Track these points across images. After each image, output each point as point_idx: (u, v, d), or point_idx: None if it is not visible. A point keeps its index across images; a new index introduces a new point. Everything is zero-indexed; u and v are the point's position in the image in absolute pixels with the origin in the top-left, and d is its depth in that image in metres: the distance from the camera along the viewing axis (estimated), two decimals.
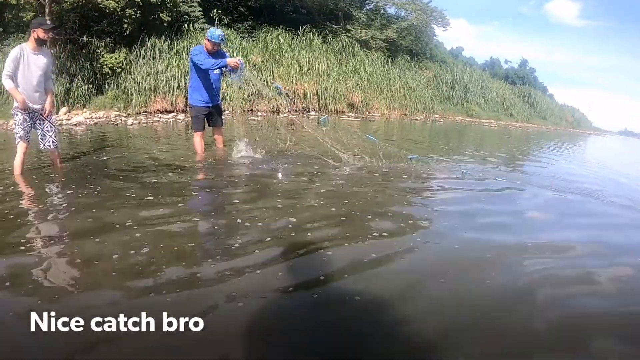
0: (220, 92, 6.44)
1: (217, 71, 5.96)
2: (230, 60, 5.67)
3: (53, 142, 5.21)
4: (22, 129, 4.93)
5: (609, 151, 17.29)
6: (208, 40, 5.87)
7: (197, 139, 6.40)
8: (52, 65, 5.21)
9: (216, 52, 5.95)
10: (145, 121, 13.11)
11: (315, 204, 3.96)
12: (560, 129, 33.54)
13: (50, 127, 5.19)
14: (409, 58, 26.41)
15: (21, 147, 4.94)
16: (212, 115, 6.36)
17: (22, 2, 14.07)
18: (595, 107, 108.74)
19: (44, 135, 5.16)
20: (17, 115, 4.93)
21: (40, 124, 5.12)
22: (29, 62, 4.79)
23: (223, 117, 6.67)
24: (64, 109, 14.20)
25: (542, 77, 75.11)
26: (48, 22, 4.90)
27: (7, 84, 4.71)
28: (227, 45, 18.23)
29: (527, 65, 41.14)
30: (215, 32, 5.93)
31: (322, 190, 4.51)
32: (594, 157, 12.19)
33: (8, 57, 4.72)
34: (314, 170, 5.45)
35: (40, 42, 4.82)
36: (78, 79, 15.17)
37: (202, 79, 5.97)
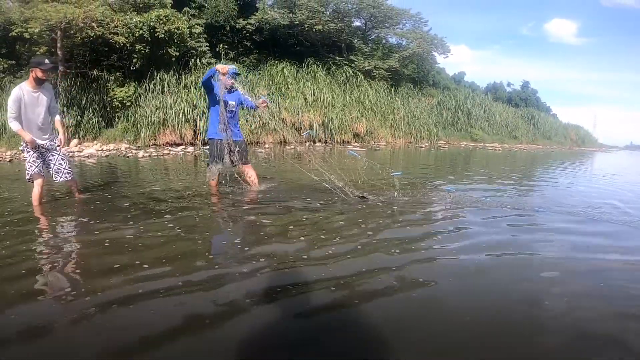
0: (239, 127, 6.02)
1: (233, 104, 5.77)
2: (218, 66, 5.65)
3: (68, 172, 5.15)
4: (35, 167, 4.93)
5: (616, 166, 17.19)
6: (223, 75, 5.70)
7: (209, 174, 6.11)
8: (54, 99, 5.10)
9: (231, 90, 5.78)
10: (156, 154, 13.30)
11: (323, 237, 3.98)
12: (565, 148, 33.63)
13: (62, 158, 5.14)
14: (412, 86, 26.85)
15: (37, 182, 4.95)
16: (233, 153, 5.84)
17: (35, 36, 14.44)
18: (599, 123, 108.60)
19: (58, 169, 5.10)
20: (27, 152, 4.94)
21: (51, 158, 5.08)
22: (30, 101, 4.78)
23: (247, 155, 6.08)
24: (74, 141, 14.45)
25: (545, 96, 75.79)
26: (47, 61, 4.78)
27: (14, 126, 4.72)
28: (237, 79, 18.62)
29: (529, 86, 41.63)
30: (229, 65, 5.90)
31: (328, 222, 4.55)
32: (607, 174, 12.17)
33: (9, 98, 4.70)
34: (318, 203, 5.35)
35: (39, 82, 4.77)
36: (89, 111, 15.49)
37: (216, 111, 5.75)
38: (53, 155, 5.09)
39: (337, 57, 23.52)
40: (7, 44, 15.65)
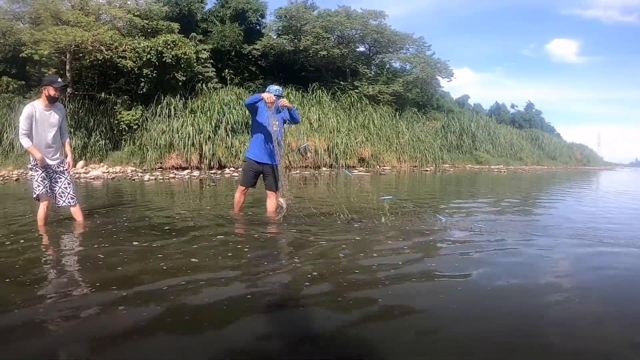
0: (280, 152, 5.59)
1: (276, 128, 5.44)
2: (265, 95, 5.24)
3: (72, 198, 5.02)
4: (43, 187, 4.81)
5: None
6: None
7: (237, 194, 5.89)
8: (65, 119, 5.04)
9: (276, 110, 5.48)
10: (161, 177, 13.29)
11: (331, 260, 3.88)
12: (571, 168, 33.52)
13: (68, 183, 5.02)
14: (416, 110, 27.02)
15: (43, 203, 4.86)
16: (266, 177, 5.64)
17: (45, 58, 14.64)
18: (604, 141, 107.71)
19: (62, 192, 4.98)
20: (35, 171, 4.83)
21: (57, 181, 4.96)
22: (42, 119, 4.72)
23: (280, 183, 5.68)
24: (81, 163, 14.49)
25: (549, 116, 75.90)
26: (59, 80, 4.79)
27: (25, 143, 4.65)
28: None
29: (532, 108, 41.78)
30: (272, 86, 5.61)
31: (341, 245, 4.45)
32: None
33: (21, 115, 4.65)
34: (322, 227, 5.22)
35: (51, 100, 4.73)
36: (96, 133, 15.59)
37: (259, 132, 5.54)
38: (60, 178, 4.98)
39: (341, 82, 23.74)
40: (17, 65, 15.89)
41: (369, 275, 3.31)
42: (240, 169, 5.99)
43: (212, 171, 16.02)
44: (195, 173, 15.05)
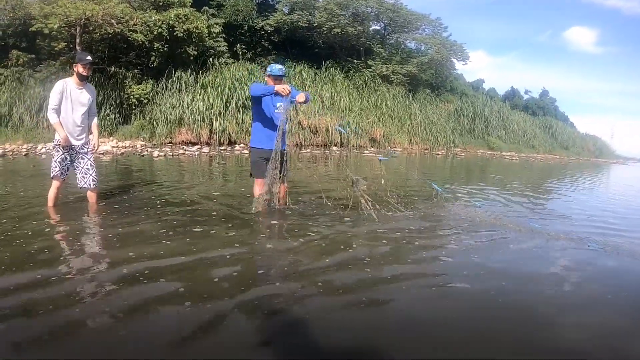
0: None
1: (281, 110, 4.99)
2: (279, 87, 4.75)
3: (93, 180, 4.89)
4: (60, 168, 4.71)
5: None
6: (268, 76, 5.12)
7: (257, 188, 5.36)
8: (95, 100, 4.90)
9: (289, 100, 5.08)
10: (171, 153, 13.18)
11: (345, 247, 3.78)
12: (583, 159, 33.02)
13: (91, 164, 4.87)
14: (429, 91, 26.54)
15: (55, 183, 4.75)
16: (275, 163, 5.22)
17: (54, 32, 14.42)
18: (617, 134, 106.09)
19: (85, 174, 4.85)
20: (57, 151, 4.72)
21: (80, 161, 4.84)
22: (72, 97, 4.62)
23: (288, 170, 5.32)
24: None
25: (563, 105, 74.57)
26: (88, 57, 4.62)
27: (53, 119, 4.57)
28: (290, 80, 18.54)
29: (547, 95, 41.01)
30: (275, 66, 5.19)
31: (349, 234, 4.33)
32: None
33: (52, 90, 4.56)
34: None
35: (81, 77, 4.63)
36: (105, 107, 15.42)
37: (262, 118, 5.16)
38: (83, 159, 4.85)
39: (355, 61, 23.32)
40: (27, 39, 15.67)
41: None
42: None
43: (222, 147, 15.88)
44: (205, 149, 14.93)
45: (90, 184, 4.90)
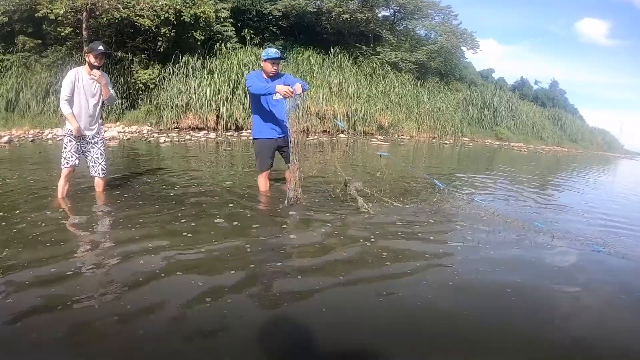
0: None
1: (279, 97, 4.76)
2: (280, 88, 4.56)
3: (103, 170, 4.91)
4: (71, 157, 4.68)
5: None
6: (264, 61, 4.90)
7: (261, 180, 5.34)
8: (110, 86, 4.85)
9: (277, 75, 4.96)
10: (177, 139, 13.11)
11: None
12: (592, 153, 32.69)
13: (101, 154, 4.87)
14: (438, 80, 26.26)
15: (65, 172, 4.71)
16: (282, 152, 5.13)
17: (60, 17, 14.32)
18: (626, 129, 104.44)
19: (95, 163, 4.86)
20: (69, 141, 4.67)
21: (90, 150, 4.83)
22: (84, 87, 4.58)
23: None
24: (101, 127, 14.34)
25: (573, 97, 73.45)
26: (100, 47, 4.54)
27: (65, 109, 4.53)
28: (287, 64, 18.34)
29: (557, 86, 40.47)
30: (271, 50, 5.02)
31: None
32: None
33: (64, 80, 4.55)
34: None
35: (93, 68, 4.55)
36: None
37: (261, 108, 5.01)
38: (94, 148, 4.84)
39: (363, 47, 23.04)
40: (33, 24, 15.58)
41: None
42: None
43: (229, 133, 15.83)
44: (212, 135, 14.87)
45: (99, 173, 4.91)
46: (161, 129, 14.99)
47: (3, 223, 3.79)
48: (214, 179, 6.57)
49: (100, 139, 4.92)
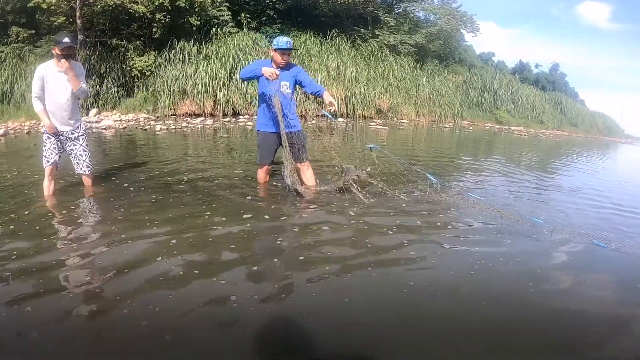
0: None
1: (287, 90, 4.80)
2: (266, 70, 4.50)
3: (87, 166, 4.80)
4: (51, 154, 4.57)
5: None
6: (274, 50, 4.80)
7: (261, 174, 5.34)
8: (84, 78, 4.63)
9: (287, 67, 4.88)
10: (174, 126, 12.99)
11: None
12: (592, 137, 32.55)
13: (84, 150, 4.74)
14: (437, 62, 26.01)
15: (47, 171, 4.61)
16: (289, 147, 4.92)
17: (53, 6, 14.10)
18: (627, 114, 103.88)
19: (79, 160, 4.74)
20: (47, 138, 4.57)
21: (72, 147, 4.69)
22: (54, 81, 4.40)
23: (305, 151, 5.04)
24: (94, 110, 14.27)
25: (573, 81, 72.91)
26: (65, 39, 4.32)
27: (36, 107, 4.41)
28: (294, 54, 18.10)
29: (558, 69, 40.17)
30: (282, 38, 4.83)
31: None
32: None
33: (33, 77, 4.40)
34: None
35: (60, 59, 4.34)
36: (108, 80, 15.23)
37: (265, 100, 4.88)
38: (75, 145, 4.69)
39: (362, 30, 22.77)
40: (26, 14, 15.36)
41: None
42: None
43: (227, 119, 15.71)
44: (209, 121, 14.74)
45: (84, 170, 4.80)
46: (158, 116, 14.87)
47: None
48: (211, 168, 6.52)
49: (82, 134, 4.75)
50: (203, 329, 2.27)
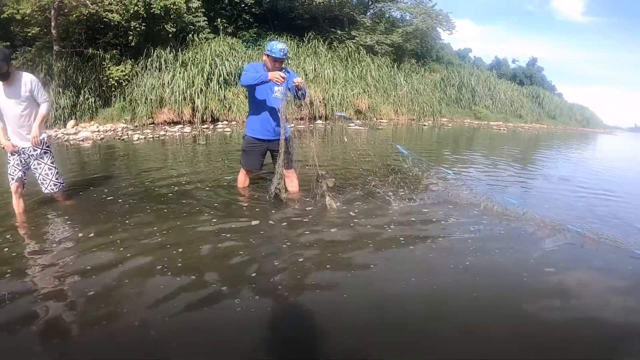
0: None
1: (279, 95, 4.65)
2: (273, 74, 4.37)
3: (55, 184, 4.61)
4: (14, 171, 4.40)
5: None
6: (267, 55, 4.65)
7: (241, 176, 5.35)
8: (39, 90, 4.27)
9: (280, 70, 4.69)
10: (152, 135, 13.03)
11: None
12: (570, 129, 33.15)
13: (49, 168, 4.53)
14: (414, 61, 26.29)
15: (13, 188, 4.42)
16: (275, 155, 4.96)
17: (27, 17, 14.04)
18: (604, 104, 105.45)
19: (44, 179, 4.55)
20: (10, 155, 4.39)
21: (37, 166, 4.50)
22: (4, 96, 4.16)
23: (293, 158, 5.03)
24: (71, 122, 14.23)
25: (551, 75, 73.93)
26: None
27: None
28: (288, 61, 18.10)
29: (535, 64, 40.75)
30: (277, 45, 4.66)
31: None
32: None
33: None
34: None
35: (1, 77, 4.07)
36: (85, 91, 15.16)
37: (259, 103, 4.76)
38: (39, 163, 4.50)
39: (338, 32, 22.95)
40: (0, 26, 15.23)
41: None
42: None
43: (205, 126, 15.77)
44: (187, 129, 14.79)
45: (52, 189, 4.65)
46: (136, 126, 14.87)
47: None
48: (189, 176, 6.60)
49: (45, 151, 4.51)
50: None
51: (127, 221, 4.30)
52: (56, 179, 4.64)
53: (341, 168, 7.23)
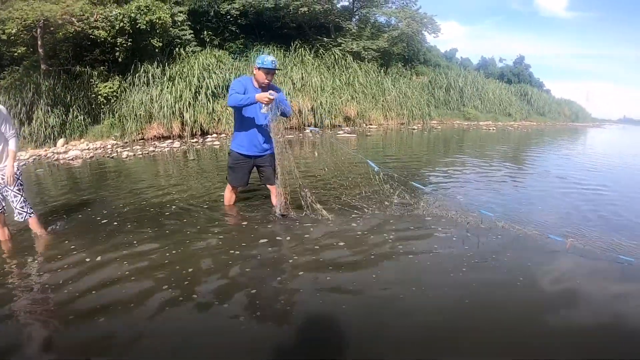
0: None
1: (265, 110, 4.55)
2: (260, 96, 4.33)
3: (20, 213, 4.40)
4: None
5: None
6: (258, 69, 4.58)
7: (227, 193, 5.34)
8: (7, 122, 4.18)
9: (268, 86, 4.66)
10: (141, 152, 13.07)
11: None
12: (560, 124, 33.49)
13: (14, 195, 4.33)
14: (402, 65, 26.50)
15: None
16: (261, 171, 5.03)
17: (13, 36, 14.08)
18: (592, 98, 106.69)
19: (14, 208, 4.41)
20: None
21: (5, 194, 4.36)
22: None
23: (277, 174, 4.87)
24: (61, 141, 14.26)
25: (538, 71, 74.55)
26: None
27: None
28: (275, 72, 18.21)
29: (522, 61, 41.08)
30: (267, 58, 4.59)
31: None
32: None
33: None
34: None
35: None
36: (73, 109, 15.19)
37: (245, 119, 4.71)
38: (7, 192, 4.35)
39: (324, 39, 23.13)
40: None
41: None
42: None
43: (194, 140, 15.83)
44: (176, 144, 14.84)
45: (18, 218, 4.47)
46: (126, 142, 14.92)
47: None
48: (181, 194, 6.63)
49: (7, 182, 4.29)
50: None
51: (122, 241, 4.39)
52: (21, 207, 4.42)
53: (319, 180, 7.31)
